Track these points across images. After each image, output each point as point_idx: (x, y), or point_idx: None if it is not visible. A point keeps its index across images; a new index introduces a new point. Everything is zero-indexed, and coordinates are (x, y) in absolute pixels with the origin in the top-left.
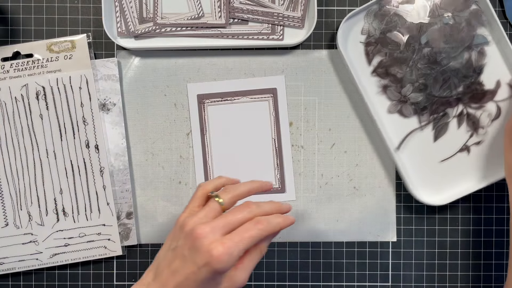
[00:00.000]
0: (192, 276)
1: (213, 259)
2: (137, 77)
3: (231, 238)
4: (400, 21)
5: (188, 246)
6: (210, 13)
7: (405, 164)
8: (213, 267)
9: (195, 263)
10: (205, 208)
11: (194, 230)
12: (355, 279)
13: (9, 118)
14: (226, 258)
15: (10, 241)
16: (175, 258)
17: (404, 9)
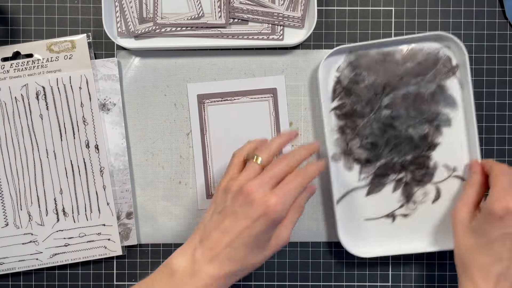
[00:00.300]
0: (246, 231)
1: (270, 209)
2: (137, 77)
3: (280, 189)
4: (368, 77)
5: (239, 203)
6: (210, 13)
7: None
8: (270, 217)
9: (250, 217)
10: (246, 170)
11: (243, 188)
12: (355, 279)
13: (9, 118)
14: (281, 207)
15: (10, 241)
16: (225, 218)
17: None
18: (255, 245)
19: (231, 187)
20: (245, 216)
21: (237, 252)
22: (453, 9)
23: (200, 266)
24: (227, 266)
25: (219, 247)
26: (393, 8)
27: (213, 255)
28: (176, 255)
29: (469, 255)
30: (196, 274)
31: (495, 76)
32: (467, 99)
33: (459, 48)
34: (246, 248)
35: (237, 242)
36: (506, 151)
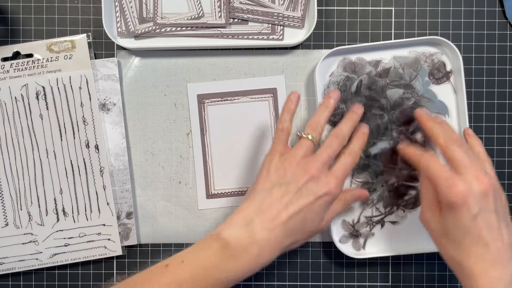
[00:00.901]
0: (308, 207)
1: (332, 189)
2: (137, 77)
3: (338, 170)
4: (360, 84)
5: (303, 181)
6: (210, 13)
7: None
8: (331, 196)
9: (314, 195)
10: (300, 147)
11: (307, 167)
12: (355, 279)
13: (9, 118)
14: (340, 188)
15: (10, 241)
16: (287, 193)
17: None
18: (311, 220)
19: (290, 164)
20: (310, 193)
21: (296, 225)
22: (453, 9)
23: (256, 238)
24: (285, 238)
25: (280, 219)
26: (393, 8)
27: (273, 226)
28: (225, 227)
29: (458, 256)
30: (251, 247)
31: (495, 76)
32: (460, 105)
33: (454, 53)
34: (305, 222)
35: (299, 216)
36: (506, 151)
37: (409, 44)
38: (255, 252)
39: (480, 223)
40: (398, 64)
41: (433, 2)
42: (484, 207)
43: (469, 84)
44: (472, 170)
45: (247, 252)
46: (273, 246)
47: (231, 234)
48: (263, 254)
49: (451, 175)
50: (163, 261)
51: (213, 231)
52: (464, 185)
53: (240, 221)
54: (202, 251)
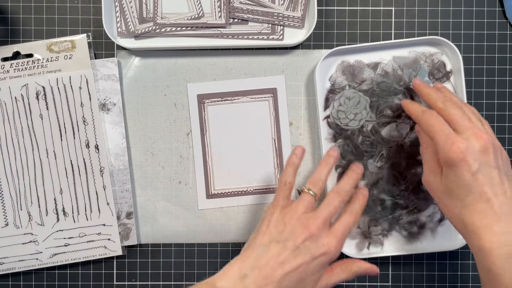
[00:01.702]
0: (304, 266)
1: (331, 250)
2: (137, 77)
3: (339, 231)
4: (359, 87)
5: (302, 239)
6: (210, 13)
7: None
8: (329, 257)
9: (311, 254)
10: (301, 202)
11: (307, 224)
12: (355, 279)
13: (9, 118)
14: (339, 248)
15: (10, 241)
16: (284, 251)
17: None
18: (308, 280)
19: (290, 220)
20: (307, 252)
21: (291, 284)
22: (453, 9)
23: None
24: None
25: (274, 277)
26: (393, 8)
27: (266, 284)
28: (221, 278)
29: (461, 215)
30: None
31: (495, 76)
32: None
33: (454, 53)
34: (300, 281)
35: (294, 275)
36: (506, 151)
37: (409, 44)
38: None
39: (481, 179)
40: (396, 65)
41: (433, 2)
42: (485, 163)
43: (469, 84)
44: (471, 127)
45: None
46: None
47: (225, 286)
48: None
49: (451, 132)
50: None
51: (209, 278)
52: (463, 142)
53: (235, 274)
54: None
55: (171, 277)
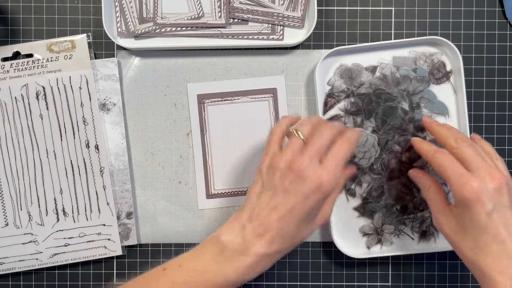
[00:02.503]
0: (297, 208)
1: (323, 184)
2: (137, 77)
3: (330, 161)
4: (358, 90)
5: (290, 180)
6: (210, 13)
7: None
8: (322, 192)
9: (302, 194)
10: (290, 146)
11: (292, 164)
12: (355, 279)
13: (9, 118)
14: (333, 181)
15: (10, 241)
16: (275, 196)
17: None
18: (304, 220)
19: (277, 164)
20: (297, 193)
21: (287, 228)
22: (453, 9)
23: (250, 244)
24: (276, 244)
25: (270, 224)
26: (393, 8)
27: (263, 232)
28: (224, 232)
29: (474, 256)
30: (246, 252)
31: (495, 76)
32: (460, 105)
33: (454, 53)
34: (296, 224)
35: (288, 218)
36: (506, 151)
37: (409, 44)
38: (250, 258)
39: (496, 220)
40: (395, 68)
41: (433, 2)
42: (499, 203)
43: (469, 84)
44: (484, 166)
45: (242, 257)
46: (267, 251)
47: (228, 239)
48: (258, 259)
49: (464, 172)
50: (161, 265)
51: (214, 232)
52: (477, 182)
53: (235, 226)
54: (200, 255)
55: None
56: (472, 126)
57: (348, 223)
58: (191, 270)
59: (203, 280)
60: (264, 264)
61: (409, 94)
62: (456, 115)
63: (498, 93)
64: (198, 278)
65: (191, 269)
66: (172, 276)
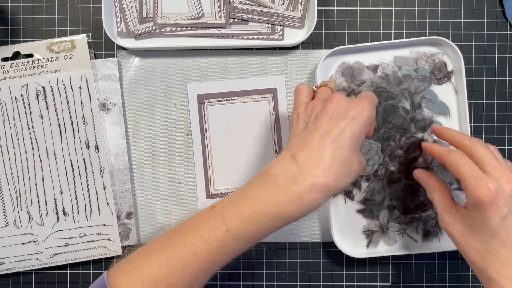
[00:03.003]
0: (347, 128)
1: (364, 109)
2: (137, 77)
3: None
4: (359, 89)
5: (332, 109)
6: (210, 13)
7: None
8: (367, 113)
9: (348, 115)
10: (320, 93)
11: (330, 98)
12: (355, 279)
13: (9, 118)
14: (372, 108)
15: (10, 241)
16: (322, 124)
17: None
18: (354, 147)
19: (314, 104)
20: (343, 116)
21: (340, 152)
22: (453, 9)
23: (303, 171)
24: (335, 164)
25: (324, 146)
26: (393, 8)
27: (319, 155)
28: (274, 165)
29: (482, 260)
30: (299, 181)
31: (495, 76)
32: (461, 105)
33: (456, 53)
34: (347, 148)
35: (340, 141)
36: (506, 151)
37: (410, 44)
38: (302, 187)
39: (509, 225)
40: (397, 68)
41: (433, 2)
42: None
43: (469, 84)
44: (500, 168)
45: (297, 184)
46: (322, 180)
47: (279, 170)
48: (310, 189)
49: (481, 173)
50: (210, 205)
51: (264, 168)
52: (493, 184)
53: (287, 157)
54: (250, 188)
55: None
56: (472, 126)
57: (348, 223)
58: (244, 202)
59: (255, 209)
60: (316, 197)
61: (410, 93)
62: (457, 115)
63: (498, 93)
64: (250, 208)
65: (243, 201)
66: (222, 211)
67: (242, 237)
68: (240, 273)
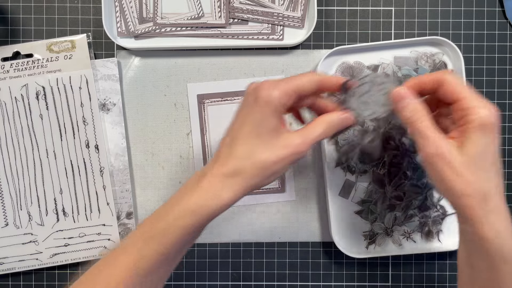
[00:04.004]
0: (248, 117)
1: (272, 97)
2: (137, 77)
3: (284, 84)
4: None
5: (253, 98)
6: (210, 13)
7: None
8: (271, 104)
9: (249, 104)
10: None
11: (257, 86)
12: (355, 279)
13: (9, 118)
14: (278, 93)
15: (10, 241)
16: (244, 112)
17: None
18: (259, 133)
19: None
20: (246, 105)
21: (244, 142)
22: (453, 9)
23: (210, 166)
24: (232, 161)
25: (240, 135)
26: (393, 8)
27: (220, 152)
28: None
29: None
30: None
31: (495, 76)
32: None
33: (456, 53)
34: (250, 136)
35: (243, 130)
36: (506, 151)
37: (410, 44)
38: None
39: (496, 148)
40: (397, 68)
41: (433, 2)
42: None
43: (469, 84)
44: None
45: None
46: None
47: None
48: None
49: (477, 97)
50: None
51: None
52: (492, 106)
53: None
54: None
55: (171, 277)
56: None
57: (348, 223)
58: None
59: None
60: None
61: None
62: None
63: (498, 93)
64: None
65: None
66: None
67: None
68: (240, 273)
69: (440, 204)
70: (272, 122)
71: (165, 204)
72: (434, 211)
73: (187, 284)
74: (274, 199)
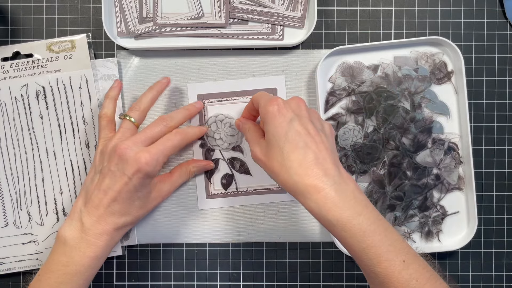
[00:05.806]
0: (124, 188)
1: (142, 165)
2: (137, 77)
3: (154, 147)
4: (360, 88)
5: (115, 162)
6: (210, 13)
7: None
8: (143, 172)
9: (125, 174)
10: (120, 130)
11: (117, 147)
12: (355, 279)
13: (9, 118)
14: (154, 162)
15: (10, 241)
16: (104, 178)
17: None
18: (135, 198)
19: (106, 148)
20: (122, 174)
21: (120, 207)
22: (453, 9)
23: (88, 228)
24: (111, 222)
25: (103, 205)
26: (393, 8)
27: (98, 214)
28: (64, 225)
29: (285, 174)
30: (86, 237)
31: (495, 76)
32: (461, 105)
33: (456, 53)
34: (127, 202)
35: (119, 198)
36: (506, 151)
37: (410, 44)
38: (91, 239)
39: (297, 127)
40: (397, 68)
41: (433, 2)
42: (299, 114)
43: (469, 84)
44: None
45: (83, 243)
46: (104, 231)
47: (67, 231)
48: (99, 240)
49: (273, 96)
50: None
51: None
52: (281, 100)
53: (74, 215)
54: (53, 250)
55: (171, 277)
56: (472, 126)
57: None
58: (46, 273)
59: (59, 275)
60: (106, 240)
61: (410, 93)
62: (457, 115)
63: (498, 93)
64: (53, 277)
65: (45, 272)
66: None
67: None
68: (240, 273)
69: (440, 204)
70: (149, 185)
71: None
72: (434, 211)
73: (187, 284)
74: (274, 199)
